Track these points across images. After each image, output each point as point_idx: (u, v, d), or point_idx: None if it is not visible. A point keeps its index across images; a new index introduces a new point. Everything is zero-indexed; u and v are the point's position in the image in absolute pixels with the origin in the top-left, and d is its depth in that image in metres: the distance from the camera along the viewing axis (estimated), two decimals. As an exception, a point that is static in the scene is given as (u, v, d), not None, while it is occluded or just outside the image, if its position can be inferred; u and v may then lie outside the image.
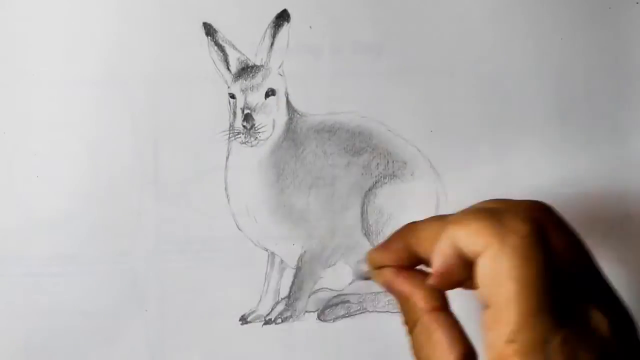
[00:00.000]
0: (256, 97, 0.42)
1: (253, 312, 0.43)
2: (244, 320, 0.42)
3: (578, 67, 0.44)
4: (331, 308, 0.43)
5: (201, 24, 0.42)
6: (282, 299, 0.43)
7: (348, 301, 0.43)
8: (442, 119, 0.43)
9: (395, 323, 0.43)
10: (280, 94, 0.43)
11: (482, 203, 0.31)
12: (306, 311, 0.43)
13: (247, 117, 0.42)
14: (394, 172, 0.43)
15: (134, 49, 0.42)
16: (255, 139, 0.42)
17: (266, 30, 0.42)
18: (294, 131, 0.43)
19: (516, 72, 0.44)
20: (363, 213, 0.43)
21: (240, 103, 0.42)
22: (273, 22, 0.42)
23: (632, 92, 0.44)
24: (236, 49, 0.42)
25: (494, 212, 0.29)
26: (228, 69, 0.42)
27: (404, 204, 0.43)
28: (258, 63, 0.43)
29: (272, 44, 0.42)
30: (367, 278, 0.34)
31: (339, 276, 0.43)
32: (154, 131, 0.42)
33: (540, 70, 0.44)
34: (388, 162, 0.43)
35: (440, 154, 0.43)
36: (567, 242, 0.30)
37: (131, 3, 0.42)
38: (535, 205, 0.30)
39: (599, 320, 0.29)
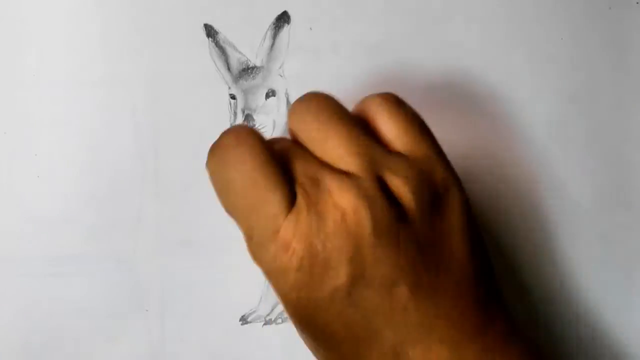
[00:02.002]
0: (256, 98, 0.43)
1: (253, 312, 0.42)
2: (244, 320, 0.42)
3: (578, 68, 0.44)
4: (331, 308, 0.43)
5: (202, 25, 0.42)
6: (282, 299, 0.43)
7: (348, 301, 0.43)
8: (441, 119, 0.43)
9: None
10: (281, 94, 0.43)
11: None
12: (306, 311, 0.43)
13: (248, 118, 0.42)
14: (394, 172, 0.43)
15: (135, 50, 0.42)
16: (256, 140, 0.42)
17: (267, 32, 0.42)
18: (294, 131, 0.43)
19: (516, 72, 0.44)
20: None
21: (240, 104, 0.42)
22: (273, 24, 0.42)
23: (633, 92, 0.44)
24: (237, 50, 0.42)
25: None
26: (229, 70, 0.42)
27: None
28: (258, 64, 0.43)
29: (272, 45, 0.43)
30: None
31: (339, 276, 0.43)
32: (154, 131, 0.42)
33: (540, 70, 0.44)
34: (388, 162, 0.43)
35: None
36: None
37: (132, 4, 0.42)
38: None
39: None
